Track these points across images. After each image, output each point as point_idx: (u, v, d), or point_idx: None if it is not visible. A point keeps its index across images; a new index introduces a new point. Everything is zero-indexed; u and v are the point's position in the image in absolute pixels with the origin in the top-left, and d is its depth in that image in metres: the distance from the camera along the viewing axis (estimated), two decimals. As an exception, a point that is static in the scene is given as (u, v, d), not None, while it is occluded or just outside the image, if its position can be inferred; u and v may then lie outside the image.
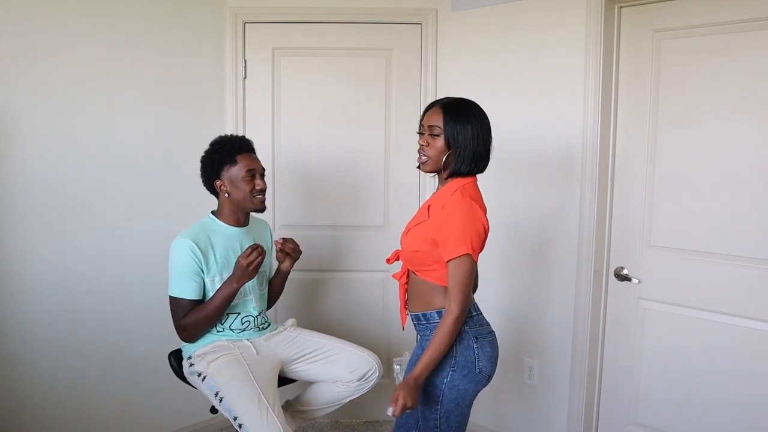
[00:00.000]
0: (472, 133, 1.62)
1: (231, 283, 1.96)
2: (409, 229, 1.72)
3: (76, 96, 2.31)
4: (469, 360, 1.64)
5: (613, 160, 2.35)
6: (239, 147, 2.04)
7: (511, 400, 2.63)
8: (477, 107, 1.67)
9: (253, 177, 2.03)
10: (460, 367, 1.64)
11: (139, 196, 2.50)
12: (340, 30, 2.70)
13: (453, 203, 1.59)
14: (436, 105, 1.67)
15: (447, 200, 1.61)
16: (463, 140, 1.62)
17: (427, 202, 1.69)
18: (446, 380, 1.64)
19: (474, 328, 1.67)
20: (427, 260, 1.64)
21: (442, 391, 1.64)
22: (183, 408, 2.63)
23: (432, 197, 1.70)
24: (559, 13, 2.33)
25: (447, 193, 1.63)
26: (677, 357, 2.26)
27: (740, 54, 2.03)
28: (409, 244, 1.68)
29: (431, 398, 1.66)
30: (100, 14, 2.33)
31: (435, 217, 1.62)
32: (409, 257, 1.70)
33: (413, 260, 1.68)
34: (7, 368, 2.24)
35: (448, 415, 1.66)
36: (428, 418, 1.68)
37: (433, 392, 1.65)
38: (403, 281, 1.77)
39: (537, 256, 2.48)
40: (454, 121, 1.62)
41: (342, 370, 2.12)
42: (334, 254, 2.85)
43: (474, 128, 1.62)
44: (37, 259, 2.27)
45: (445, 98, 1.70)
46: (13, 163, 2.19)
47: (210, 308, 1.96)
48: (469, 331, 1.66)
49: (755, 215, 2.04)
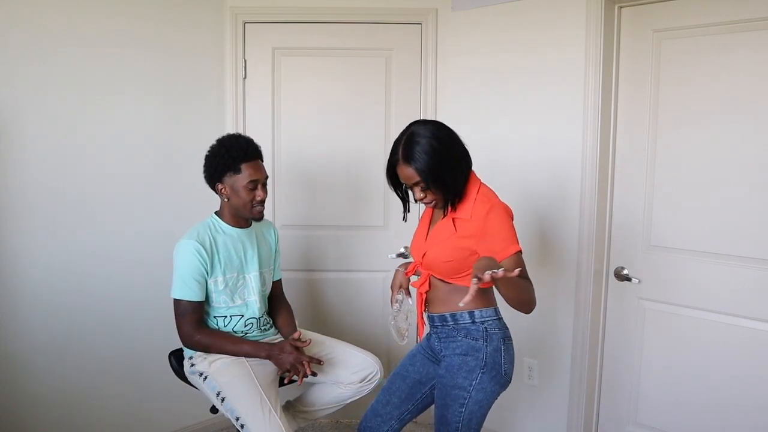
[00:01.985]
0: (448, 160, 1.60)
1: (261, 351, 1.96)
2: (433, 242, 1.71)
3: (76, 96, 2.31)
4: (497, 362, 1.66)
5: (613, 160, 2.36)
6: (245, 155, 1.98)
7: (511, 400, 2.63)
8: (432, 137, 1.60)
9: (255, 187, 2.00)
10: (489, 368, 1.65)
11: (139, 196, 2.50)
12: (340, 30, 2.70)
13: (485, 211, 1.61)
14: (399, 162, 1.64)
15: (476, 213, 1.62)
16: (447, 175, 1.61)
17: (450, 215, 1.67)
18: (475, 382, 1.65)
19: (502, 331, 1.70)
20: (461, 267, 1.66)
21: (469, 393, 1.65)
22: (183, 408, 2.63)
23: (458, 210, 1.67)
24: (559, 13, 2.33)
25: (470, 200, 1.65)
26: (677, 357, 2.26)
27: (740, 54, 2.03)
28: (439, 255, 1.69)
29: (456, 400, 1.66)
30: (100, 14, 2.33)
31: (466, 228, 1.63)
32: (441, 268, 1.70)
33: (447, 270, 1.69)
34: (7, 368, 2.24)
35: (471, 417, 1.66)
36: (449, 421, 1.67)
37: (459, 394, 1.65)
38: (423, 290, 1.77)
39: (537, 256, 2.48)
40: (429, 170, 1.59)
41: (343, 371, 2.12)
42: (334, 254, 2.85)
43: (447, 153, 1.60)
44: (37, 259, 2.27)
45: (402, 147, 1.63)
46: (12, 163, 2.19)
47: (228, 347, 1.97)
48: (499, 332, 1.68)
49: (755, 215, 2.05)
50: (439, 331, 1.75)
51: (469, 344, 1.67)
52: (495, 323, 1.69)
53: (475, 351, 1.66)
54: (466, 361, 1.66)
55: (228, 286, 2.02)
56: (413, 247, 1.85)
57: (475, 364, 1.65)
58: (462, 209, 1.66)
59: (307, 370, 1.91)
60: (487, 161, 2.14)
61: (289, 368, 1.92)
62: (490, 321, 1.69)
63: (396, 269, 1.91)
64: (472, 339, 1.67)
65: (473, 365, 1.65)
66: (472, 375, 1.64)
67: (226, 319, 2.04)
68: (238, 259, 2.05)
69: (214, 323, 2.04)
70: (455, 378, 1.66)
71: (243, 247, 2.07)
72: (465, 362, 1.67)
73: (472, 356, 1.66)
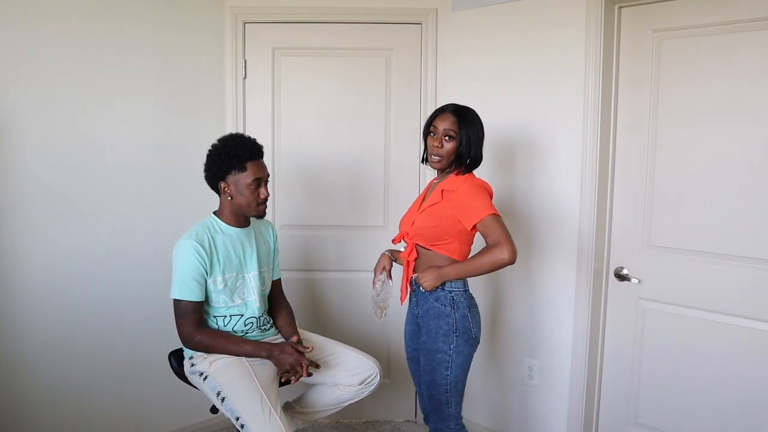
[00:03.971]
0: (477, 137, 1.88)
1: (261, 351, 1.97)
2: (423, 210, 1.92)
3: (76, 96, 2.30)
4: (466, 326, 1.88)
5: (613, 160, 2.36)
6: (250, 154, 1.99)
7: (511, 400, 2.64)
8: (478, 114, 1.91)
9: (258, 186, 2.01)
10: (461, 333, 1.87)
11: (139, 195, 2.50)
12: (340, 30, 2.70)
13: (467, 183, 1.86)
14: (447, 110, 1.90)
15: (460, 185, 1.85)
16: (472, 143, 1.87)
17: (439, 186, 1.90)
18: (452, 346, 1.86)
19: (467, 300, 1.91)
20: (443, 234, 1.87)
21: (450, 357, 1.86)
22: (183, 408, 2.63)
23: (441, 183, 1.91)
24: (559, 13, 2.33)
25: (458, 181, 1.87)
26: (677, 357, 2.26)
27: (740, 54, 2.03)
28: (427, 220, 1.89)
29: (441, 364, 1.87)
30: (100, 14, 2.33)
31: (449, 197, 1.85)
32: (426, 233, 1.90)
33: (430, 235, 1.89)
34: (7, 368, 2.24)
35: (457, 380, 1.90)
36: (439, 384, 1.89)
37: (443, 358, 1.87)
38: (411, 258, 1.96)
39: (537, 256, 2.48)
40: (467, 127, 1.86)
41: (343, 373, 2.12)
42: (334, 254, 2.85)
43: (480, 133, 1.90)
44: (37, 259, 2.27)
45: (453, 104, 1.92)
46: (13, 163, 2.19)
47: (229, 347, 1.97)
48: (464, 301, 1.90)
49: (755, 215, 2.05)
50: (417, 294, 1.97)
51: (439, 309, 1.88)
52: (462, 294, 1.90)
53: (444, 316, 1.87)
54: (440, 325, 1.88)
55: (227, 285, 2.02)
56: (404, 220, 2.04)
57: (448, 329, 1.86)
58: (450, 182, 1.89)
59: (304, 373, 1.93)
60: (487, 161, 2.14)
61: (288, 369, 1.93)
62: (457, 292, 1.89)
63: (382, 253, 2.09)
64: (441, 305, 1.88)
65: (446, 330, 1.86)
66: (449, 339, 1.86)
67: (225, 318, 2.04)
68: (237, 259, 2.05)
69: (213, 323, 2.04)
70: (435, 342, 1.88)
71: (242, 247, 2.07)
72: (439, 327, 1.88)
73: (444, 321, 1.87)
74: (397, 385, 2.89)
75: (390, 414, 2.94)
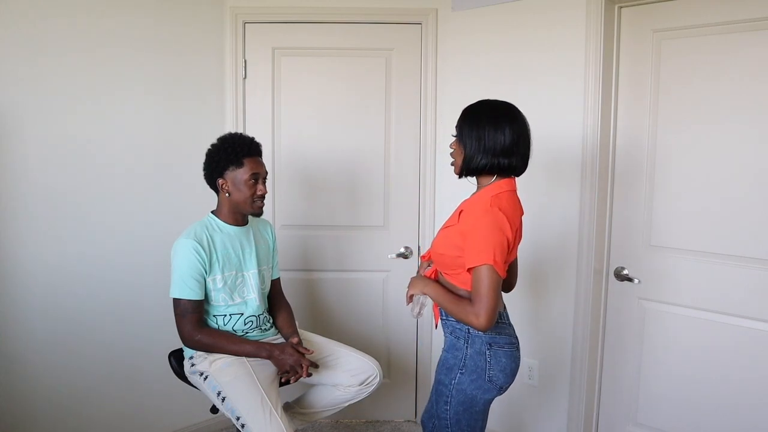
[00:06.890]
0: (477, 134, 1.60)
1: (262, 351, 1.97)
2: (441, 229, 1.71)
3: (76, 96, 2.30)
4: (480, 366, 1.63)
5: (613, 159, 2.36)
6: (248, 150, 2.02)
7: (511, 400, 2.64)
8: (491, 107, 1.65)
9: (256, 182, 2.02)
10: (469, 371, 1.64)
11: (138, 195, 2.50)
12: (340, 30, 2.70)
13: (480, 212, 1.57)
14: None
15: (478, 213, 1.58)
16: (470, 141, 1.62)
17: (461, 206, 1.68)
18: (454, 381, 1.66)
19: (489, 335, 1.64)
20: (452, 264, 1.64)
21: (450, 392, 1.66)
22: (183, 408, 2.63)
23: (466, 201, 1.68)
24: (559, 13, 2.33)
25: (479, 201, 1.61)
26: (677, 357, 2.26)
27: (740, 54, 2.03)
28: (438, 246, 1.68)
29: (441, 396, 1.69)
30: (100, 14, 2.33)
31: (463, 222, 1.61)
32: (436, 259, 1.71)
33: (440, 262, 1.70)
34: (6, 368, 2.23)
35: (459, 417, 1.67)
36: (441, 416, 1.71)
37: (443, 391, 1.69)
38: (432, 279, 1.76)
39: (537, 257, 2.48)
40: (464, 123, 1.64)
41: (343, 374, 2.13)
42: (334, 254, 2.84)
43: (480, 129, 1.61)
44: (37, 259, 2.27)
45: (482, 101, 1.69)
46: (12, 162, 2.19)
47: (229, 346, 1.97)
48: (483, 336, 1.63)
49: (755, 215, 2.05)
50: (441, 321, 1.76)
51: (452, 342, 1.69)
52: None
53: (455, 350, 1.67)
54: (448, 358, 1.69)
55: (227, 284, 2.02)
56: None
57: (454, 363, 1.66)
58: (472, 202, 1.65)
59: (303, 374, 1.93)
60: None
61: (288, 370, 1.93)
62: None
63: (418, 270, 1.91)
64: (455, 338, 1.68)
65: (452, 364, 1.66)
66: (451, 374, 1.66)
67: (225, 317, 2.04)
68: (236, 257, 2.05)
69: (213, 322, 2.04)
70: (439, 373, 1.70)
71: (241, 245, 2.07)
72: (446, 359, 1.69)
73: (452, 354, 1.67)
74: (397, 385, 2.89)
75: (390, 414, 2.94)
